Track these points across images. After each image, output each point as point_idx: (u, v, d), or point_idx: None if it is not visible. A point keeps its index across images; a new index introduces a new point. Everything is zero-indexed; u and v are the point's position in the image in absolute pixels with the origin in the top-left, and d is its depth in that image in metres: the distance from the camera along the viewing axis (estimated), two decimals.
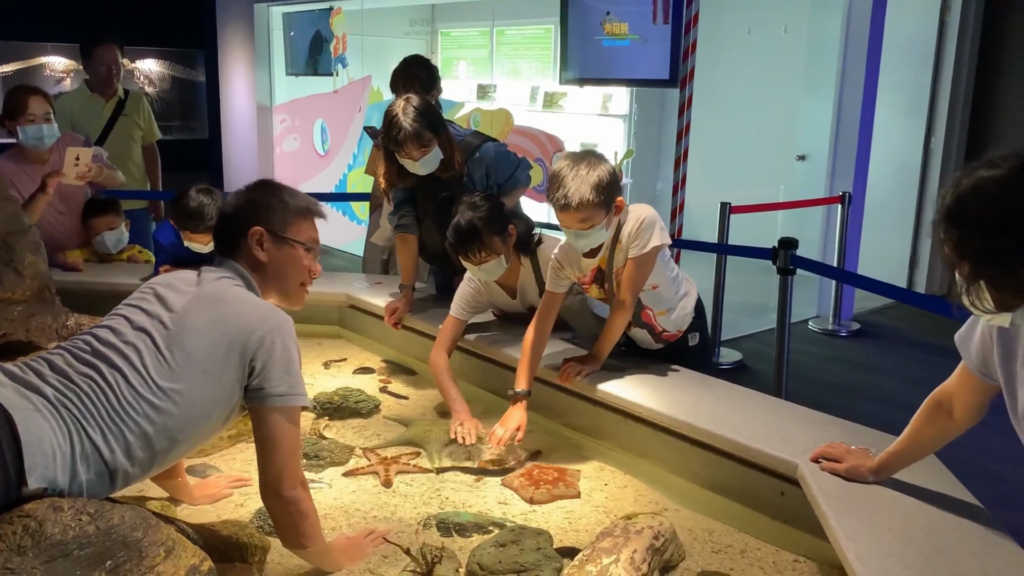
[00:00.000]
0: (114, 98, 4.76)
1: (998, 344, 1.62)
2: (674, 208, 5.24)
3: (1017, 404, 1.60)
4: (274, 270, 2.04)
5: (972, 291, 1.44)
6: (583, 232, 2.41)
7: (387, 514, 2.31)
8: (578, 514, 2.31)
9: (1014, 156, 1.42)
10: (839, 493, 1.92)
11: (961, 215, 1.42)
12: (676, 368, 2.71)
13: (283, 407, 1.87)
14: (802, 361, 4.94)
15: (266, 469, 1.87)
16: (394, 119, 2.94)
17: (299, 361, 1.94)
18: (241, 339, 1.85)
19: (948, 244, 1.44)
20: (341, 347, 3.62)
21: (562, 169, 2.38)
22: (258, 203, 2.03)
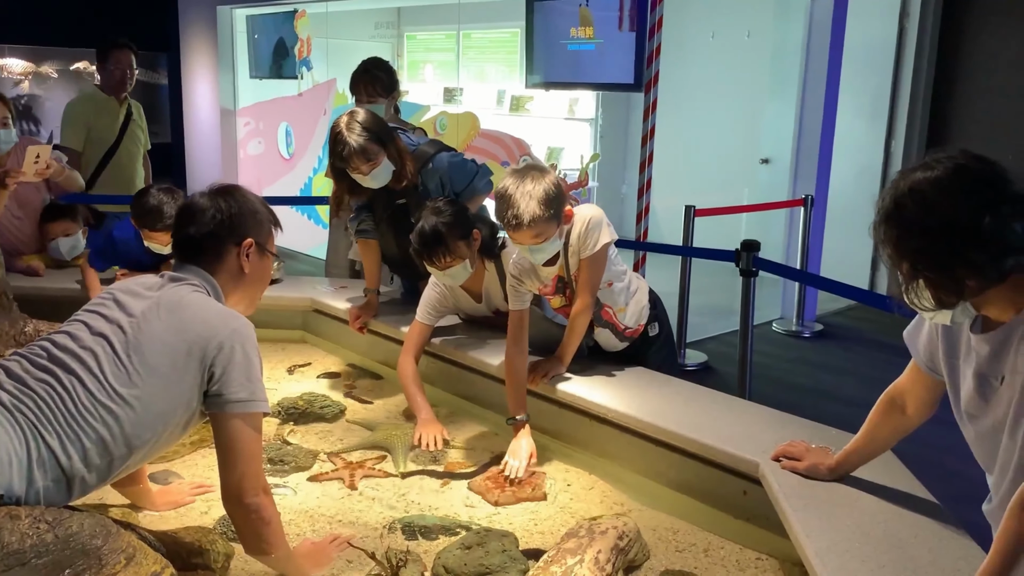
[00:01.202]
0: (125, 102, 4.72)
1: (943, 340, 1.66)
2: (640, 211, 5.28)
3: (960, 400, 1.64)
4: (252, 280, 2.05)
5: (912, 290, 1.47)
6: (538, 247, 2.43)
7: (352, 518, 2.30)
8: (543, 516, 2.32)
9: (948, 158, 1.46)
10: (799, 491, 1.95)
11: (899, 216, 1.46)
12: (641, 369, 2.73)
13: (243, 413, 1.85)
14: (766, 362, 5.00)
15: (227, 476, 1.85)
16: (338, 135, 2.92)
17: (260, 367, 1.93)
18: (201, 345, 1.83)
19: (888, 245, 1.48)
20: (305, 352, 3.60)
21: (508, 187, 2.38)
22: (245, 213, 2.01)
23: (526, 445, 2.52)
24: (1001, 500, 1.55)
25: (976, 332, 1.56)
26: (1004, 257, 1.40)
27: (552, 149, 7.51)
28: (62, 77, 10.73)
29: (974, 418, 1.60)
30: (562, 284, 2.62)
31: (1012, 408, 1.49)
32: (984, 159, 1.46)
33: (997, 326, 1.51)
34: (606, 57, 5.47)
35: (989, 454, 1.59)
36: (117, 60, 4.66)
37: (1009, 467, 1.52)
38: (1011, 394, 1.49)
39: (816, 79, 6.05)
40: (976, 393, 1.58)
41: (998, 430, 1.54)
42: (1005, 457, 1.53)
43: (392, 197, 3.16)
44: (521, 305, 2.64)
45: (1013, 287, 1.45)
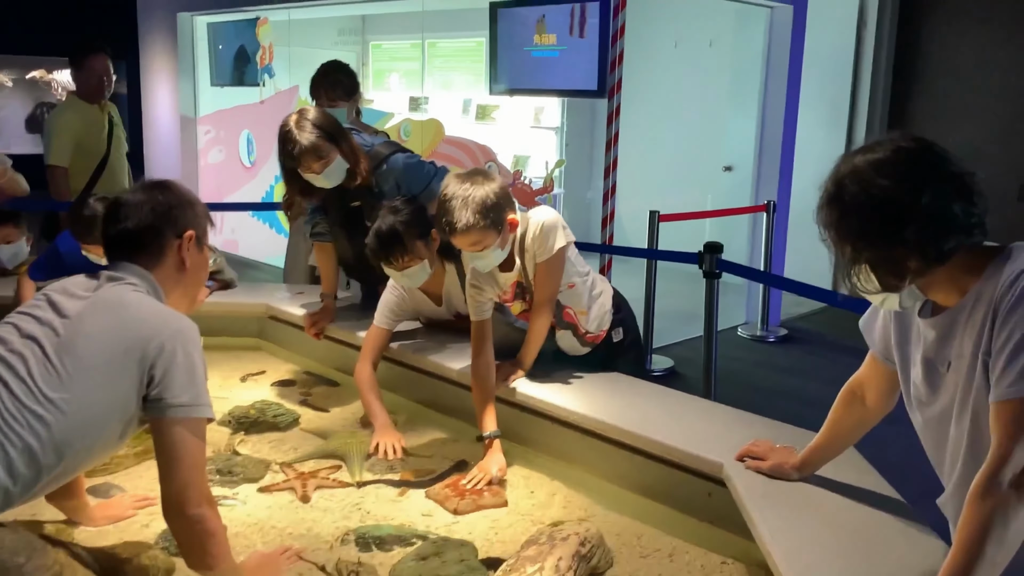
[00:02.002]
0: (106, 108, 4.59)
1: (895, 327, 1.63)
2: (605, 216, 5.24)
3: (910, 388, 1.60)
4: (192, 275, 1.97)
5: (855, 273, 1.44)
6: (478, 255, 2.37)
7: (304, 530, 2.21)
8: (504, 523, 2.25)
9: (889, 140, 1.45)
10: (764, 492, 1.90)
11: (840, 197, 1.43)
12: (604, 371, 2.67)
13: (185, 419, 1.75)
14: (731, 367, 4.97)
15: (168, 486, 1.75)
16: (288, 134, 2.84)
17: (204, 370, 1.83)
18: (139, 346, 1.74)
19: (830, 228, 1.45)
20: (260, 359, 3.49)
21: (447, 192, 2.33)
22: (183, 206, 1.94)
23: (496, 463, 2.43)
24: (953, 490, 1.51)
25: (924, 316, 1.52)
26: (944, 237, 1.38)
27: (518, 157, 7.47)
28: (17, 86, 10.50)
29: (923, 405, 1.57)
30: (521, 290, 2.56)
31: (958, 394, 1.46)
32: (925, 141, 1.44)
33: (945, 310, 1.48)
34: (570, 64, 5.44)
35: (937, 444, 1.56)
36: (92, 67, 4.52)
37: (959, 456, 1.48)
38: (957, 380, 1.46)
39: (777, 87, 6.08)
40: (924, 380, 1.55)
41: (945, 418, 1.51)
42: (953, 446, 1.50)
43: (346, 199, 3.08)
44: (482, 315, 2.57)
45: (956, 269, 1.43)
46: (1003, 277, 1.39)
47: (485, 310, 2.56)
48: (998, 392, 1.36)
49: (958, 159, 1.43)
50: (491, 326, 2.58)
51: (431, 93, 8.34)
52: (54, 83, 10.56)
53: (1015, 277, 1.37)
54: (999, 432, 1.35)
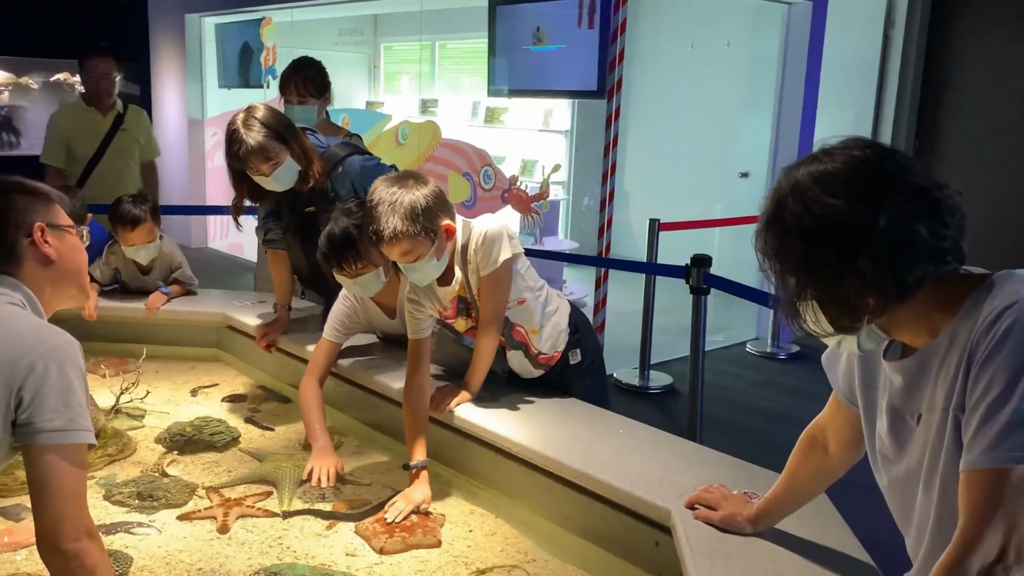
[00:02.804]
0: (112, 112, 4.46)
1: (859, 366, 1.38)
2: (602, 224, 5.00)
3: (875, 440, 1.35)
4: (66, 263, 1.77)
5: (802, 311, 1.19)
6: (412, 266, 2.16)
7: (215, 565, 2.00)
8: (433, 566, 2.02)
9: (842, 148, 1.18)
10: (710, 547, 1.65)
11: (779, 220, 1.18)
12: (559, 399, 2.43)
13: (59, 444, 1.56)
14: (732, 385, 4.71)
15: (40, 518, 1.55)
16: (234, 133, 2.64)
17: (84, 391, 1.63)
18: (7, 365, 1.55)
19: (769, 257, 1.20)
20: (216, 371, 3.30)
21: (373, 197, 2.12)
22: (22, 200, 1.74)
23: (420, 493, 2.23)
24: (919, 568, 1.26)
25: (890, 359, 1.27)
26: (906, 267, 1.12)
27: (526, 162, 7.25)
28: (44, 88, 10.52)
29: (888, 462, 1.32)
30: (464, 305, 2.33)
31: (927, 454, 1.20)
32: (885, 148, 1.18)
33: (915, 351, 1.22)
34: (570, 63, 5.22)
35: (903, 510, 1.30)
36: (93, 68, 4.43)
37: (925, 529, 1.23)
38: (927, 437, 1.20)
39: (793, 91, 5.81)
40: (890, 432, 1.30)
41: (912, 480, 1.25)
42: (920, 516, 1.25)
43: (300, 203, 2.88)
44: (420, 334, 2.35)
45: (925, 305, 1.16)
46: (981, 316, 1.13)
47: (423, 328, 2.35)
48: (969, 459, 1.11)
49: (924, 169, 1.17)
50: (429, 345, 2.36)
51: (441, 96, 8.17)
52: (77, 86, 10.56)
53: (995, 317, 1.11)
54: (968, 509, 1.10)
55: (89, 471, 2.38)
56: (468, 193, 5.80)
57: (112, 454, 2.47)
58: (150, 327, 3.34)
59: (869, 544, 1.73)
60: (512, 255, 2.22)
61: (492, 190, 5.85)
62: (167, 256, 3.44)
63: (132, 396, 2.81)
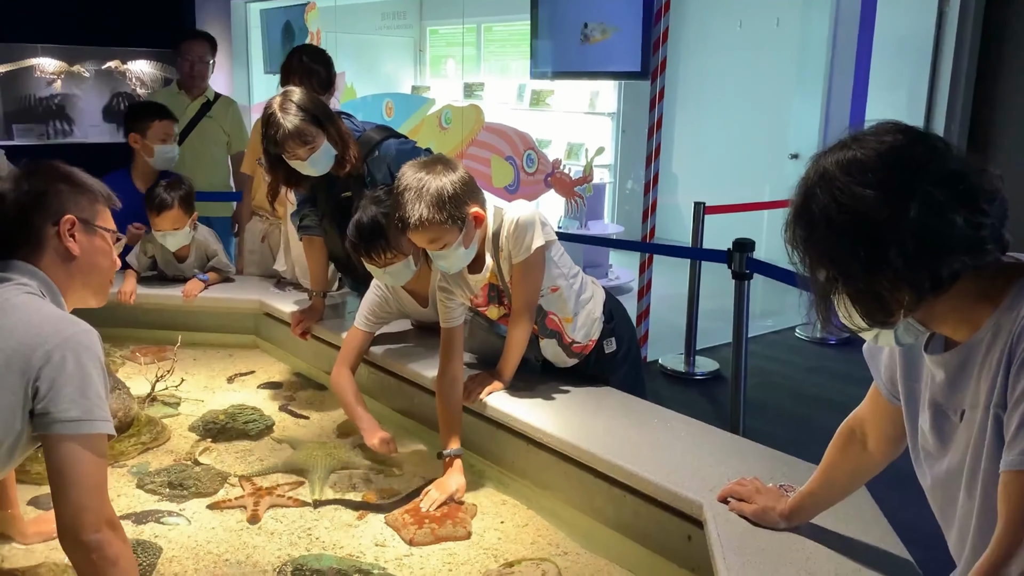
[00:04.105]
0: (201, 98, 4.50)
1: (902, 358, 1.30)
2: (646, 208, 4.91)
3: (917, 432, 1.27)
4: (87, 264, 1.76)
5: (836, 305, 1.11)
6: (440, 254, 2.12)
7: (242, 557, 1.99)
8: (461, 559, 1.99)
9: (873, 133, 1.10)
10: (741, 543, 1.59)
11: (807, 212, 1.11)
12: (594, 388, 2.37)
13: (77, 435, 1.56)
14: (781, 371, 4.59)
15: (61, 509, 1.56)
16: (271, 117, 2.61)
17: (103, 381, 1.62)
18: (22, 355, 1.55)
19: (797, 250, 1.13)
20: (253, 359, 3.31)
21: (402, 182, 2.07)
22: (59, 189, 1.74)
23: (454, 483, 2.20)
24: (963, 573, 1.18)
25: (932, 352, 1.19)
26: (941, 259, 1.04)
27: (572, 145, 7.17)
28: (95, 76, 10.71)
29: (931, 459, 1.24)
30: (496, 293, 2.28)
31: (970, 453, 1.13)
32: (918, 132, 1.10)
33: (957, 345, 1.14)
34: (614, 45, 5.13)
35: (944, 511, 1.23)
36: (186, 52, 4.48)
37: (968, 531, 1.15)
38: (969, 435, 1.12)
39: (843, 70, 5.63)
40: (932, 428, 1.22)
41: (954, 478, 1.18)
42: (963, 516, 1.17)
43: (336, 189, 2.85)
44: (451, 322, 2.31)
45: (965, 297, 1.08)
46: None
47: (455, 316, 2.30)
48: (1009, 459, 1.04)
49: (961, 153, 1.09)
50: (462, 334, 2.32)
51: (486, 79, 8.12)
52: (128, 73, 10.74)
53: None
54: (1007, 512, 1.04)
55: (122, 459, 2.40)
56: (511, 177, 5.74)
57: (146, 442, 2.48)
58: (188, 314, 3.36)
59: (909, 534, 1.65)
60: (545, 242, 2.17)
61: (535, 174, 5.79)
62: (202, 243, 3.45)
63: (168, 384, 2.82)
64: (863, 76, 5.56)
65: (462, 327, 2.33)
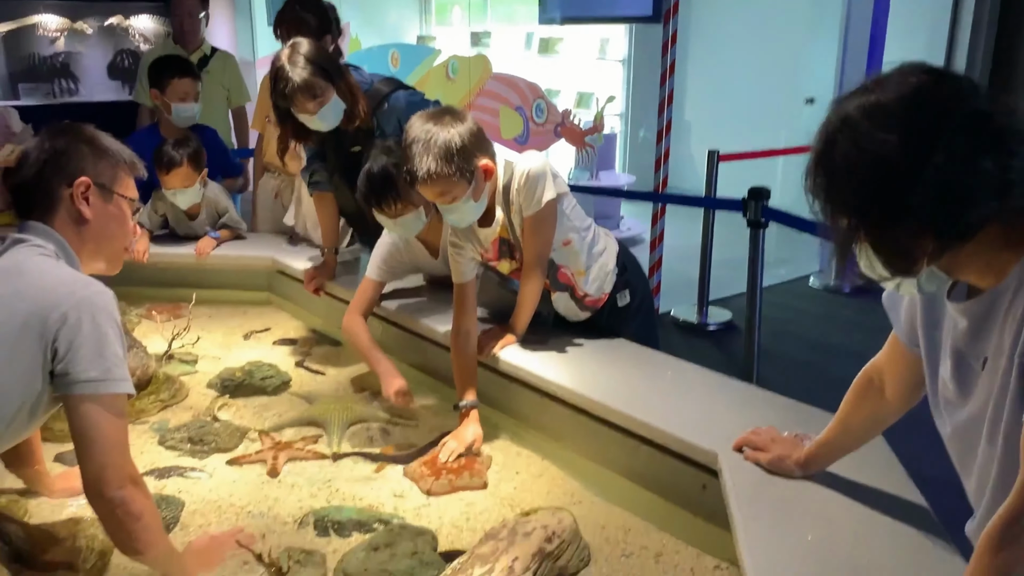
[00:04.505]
0: (198, 52, 4.41)
1: (922, 307, 1.29)
2: (659, 157, 4.86)
3: (938, 382, 1.27)
4: (100, 229, 1.76)
5: (858, 254, 1.10)
6: (450, 207, 2.10)
7: (264, 509, 2.03)
8: (479, 508, 2.02)
9: (897, 75, 1.07)
10: (756, 491, 1.60)
11: (828, 159, 1.08)
12: (606, 340, 2.38)
13: (96, 395, 1.58)
14: (793, 319, 4.59)
15: (85, 467, 1.59)
16: (279, 71, 2.58)
17: (119, 340, 1.64)
18: (39, 317, 1.56)
19: (819, 197, 1.11)
20: (268, 315, 3.33)
21: (408, 134, 2.05)
22: (79, 150, 1.74)
23: (471, 433, 2.22)
24: (981, 521, 1.18)
25: (955, 300, 1.18)
26: (967, 205, 1.02)
27: (581, 94, 7.08)
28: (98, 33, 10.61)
29: (951, 407, 1.24)
30: (507, 247, 2.27)
31: (992, 401, 1.12)
32: (943, 72, 1.06)
33: (981, 293, 1.13)
34: None
35: (963, 460, 1.23)
36: (175, 6, 4.40)
37: (987, 478, 1.15)
38: (992, 383, 1.12)
39: (860, 10, 5.50)
40: (953, 377, 1.21)
41: (974, 426, 1.18)
42: (982, 465, 1.17)
43: (345, 143, 2.83)
44: (463, 277, 2.31)
45: (991, 244, 1.06)
46: None
47: (467, 271, 2.30)
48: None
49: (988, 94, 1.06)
50: (474, 289, 2.32)
51: (493, 27, 7.99)
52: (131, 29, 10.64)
53: None
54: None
55: (142, 416, 2.43)
56: (520, 128, 5.69)
57: (165, 400, 2.51)
58: (201, 272, 3.37)
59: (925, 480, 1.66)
60: (556, 195, 2.15)
61: (545, 124, 5.73)
62: (212, 201, 3.45)
63: (184, 342, 2.85)
64: (881, 16, 5.43)
65: (475, 282, 2.33)
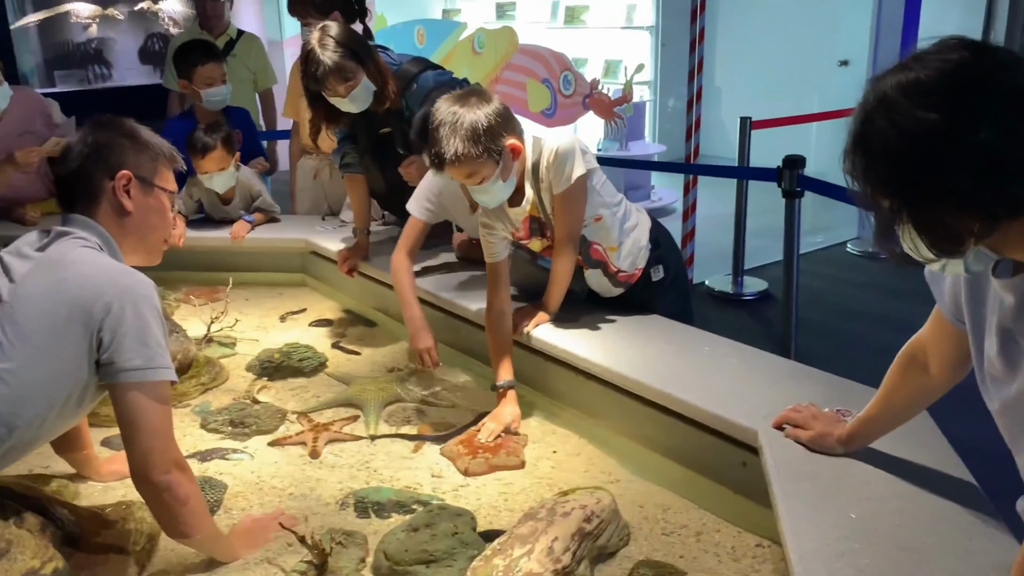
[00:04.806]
0: (224, 36, 4.43)
1: (967, 282, 1.26)
2: (689, 125, 4.80)
3: (983, 359, 1.24)
4: (141, 221, 1.79)
5: (901, 236, 1.07)
6: (480, 188, 2.09)
7: (306, 490, 2.05)
8: (517, 488, 2.02)
9: (935, 51, 1.03)
10: (797, 469, 1.59)
11: (866, 140, 1.05)
12: (640, 317, 2.36)
13: (140, 383, 1.62)
14: (831, 287, 4.52)
15: (131, 453, 1.64)
16: (310, 54, 2.57)
17: (161, 329, 1.67)
18: (83, 307, 1.59)
19: (858, 179, 1.08)
20: (303, 297, 3.36)
21: (435, 117, 2.03)
22: (120, 143, 1.77)
23: (509, 412, 2.23)
24: None
25: (1001, 276, 1.15)
26: (1015, 182, 0.99)
27: (609, 62, 7.00)
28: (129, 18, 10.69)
29: (998, 383, 1.21)
30: (538, 225, 2.26)
31: None
32: (984, 45, 1.02)
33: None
34: None
35: (1014, 434, 1.20)
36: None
37: None
38: None
39: None
40: (1000, 353, 1.19)
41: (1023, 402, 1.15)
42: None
43: (375, 125, 2.83)
44: (496, 257, 2.30)
45: None
46: None
47: (499, 251, 2.29)
48: None
49: None
50: (507, 268, 2.31)
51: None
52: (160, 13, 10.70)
53: None
54: None
55: (184, 400, 2.47)
56: (548, 101, 5.64)
57: (205, 383, 2.54)
58: (237, 255, 3.40)
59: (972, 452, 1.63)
60: (586, 171, 2.13)
61: (573, 96, 5.68)
62: (245, 185, 3.47)
63: (222, 325, 2.88)
64: None
65: (507, 261, 2.32)
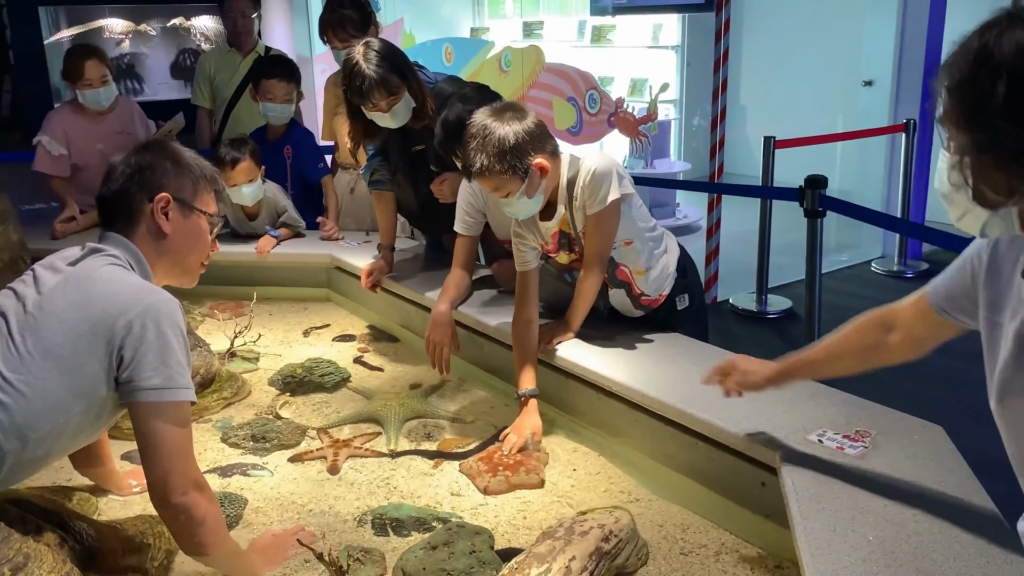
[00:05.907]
0: (252, 54, 4.44)
1: (986, 289, 1.26)
2: (714, 144, 4.80)
3: (995, 368, 1.23)
4: (178, 243, 1.81)
5: (959, 167, 1.06)
6: (507, 201, 2.12)
7: (325, 507, 2.07)
8: (536, 506, 2.02)
9: None
10: (816, 491, 1.58)
11: (986, 56, 1.02)
12: (663, 335, 2.36)
13: (160, 403, 1.61)
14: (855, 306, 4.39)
15: (149, 473, 1.62)
16: (355, 68, 2.60)
17: (183, 349, 1.67)
18: (106, 324, 1.61)
19: (950, 89, 1.06)
20: (327, 312, 3.38)
21: (471, 127, 2.07)
22: (162, 166, 1.79)
23: (530, 423, 2.23)
24: None
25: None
26: None
27: (635, 81, 7.01)
28: (162, 34, 10.88)
29: (1009, 395, 1.20)
30: (566, 240, 2.27)
31: None
32: None
33: None
34: None
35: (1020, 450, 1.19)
36: (228, 8, 4.41)
37: None
38: None
39: None
40: (1013, 359, 1.17)
41: None
42: None
43: (408, 143, 2.86)
44: (526, 266, 2.32)
45: None
46: None
47: (529, 260, 2.31)
48: None
49: None
50: (537, 278, 2.33)
51: (545, 17, 7.96)
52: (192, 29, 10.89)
53: None
54: None
55: (206, 414, 2.49)
56: (574, 119, 5.65)
57: (228, 397, 2.57)
58: (262, 270, 3.44)
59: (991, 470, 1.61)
60: (621, 195, 2.14)
61: (598, 114, 5.69)
62: (271, 200, 3.51)
63: (246, 339, 2.91)
64: None
65: (537, 271, 2.33)
